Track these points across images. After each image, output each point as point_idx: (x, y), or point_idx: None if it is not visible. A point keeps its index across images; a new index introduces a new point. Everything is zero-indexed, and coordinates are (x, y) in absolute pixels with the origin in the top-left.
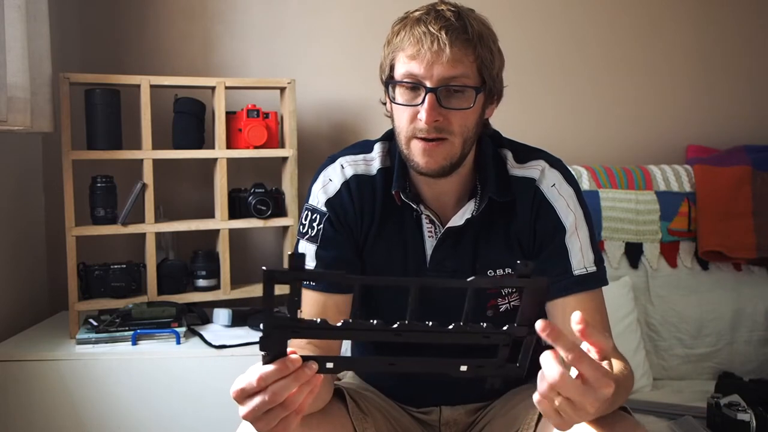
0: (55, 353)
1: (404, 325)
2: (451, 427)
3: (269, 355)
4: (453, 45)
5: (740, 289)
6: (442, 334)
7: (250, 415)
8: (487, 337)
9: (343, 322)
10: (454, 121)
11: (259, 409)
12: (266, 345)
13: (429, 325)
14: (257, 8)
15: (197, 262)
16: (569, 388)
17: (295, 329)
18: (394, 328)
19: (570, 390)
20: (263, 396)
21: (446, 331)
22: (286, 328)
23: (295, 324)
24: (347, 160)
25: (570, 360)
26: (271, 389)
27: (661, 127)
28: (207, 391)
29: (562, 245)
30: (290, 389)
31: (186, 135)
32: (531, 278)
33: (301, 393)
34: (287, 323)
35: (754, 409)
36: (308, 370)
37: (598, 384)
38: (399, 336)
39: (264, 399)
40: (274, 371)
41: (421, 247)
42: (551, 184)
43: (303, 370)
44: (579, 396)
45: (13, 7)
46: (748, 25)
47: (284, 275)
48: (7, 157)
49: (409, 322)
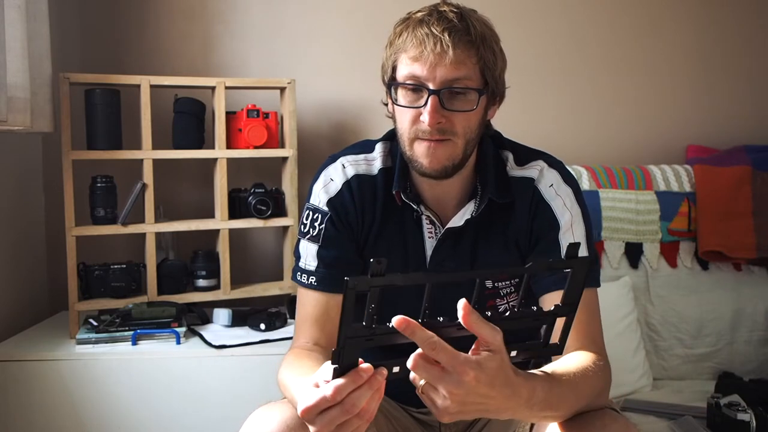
0: (55, 353)
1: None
2: (450, 427)
3: (341, 367)
4: (456, 47)
5: (740, 289)
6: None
7: (324, 430)
8: (537, 319)
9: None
10: (457, 123)
11: (333, 422)
12: (340, 357)
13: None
14: (257, 8)
15: (197, 262)
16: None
17: (368, 337)
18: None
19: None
20: (340, 408)
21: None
22: (360, 337)
23: (371, 332)
24: (348, 159)
25: (427, 351)
26: (349, 401)
27: (661, 127)
28: (207, 391)
29: (555, 241)
30: (365, 398)
31: (186, 135)
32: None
33: (374, 400)
34: (362, 333)
35: (754, 409)
36: (380, 377)
37: (456, 371)
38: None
39: (341, 411)
40: (349, 382)
41: (421, 248)
42: (549, 184)
43: (375, 378)
44: (437, 381)
45: (13, 7)
46: (748, 25)
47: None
48: (7, 157)
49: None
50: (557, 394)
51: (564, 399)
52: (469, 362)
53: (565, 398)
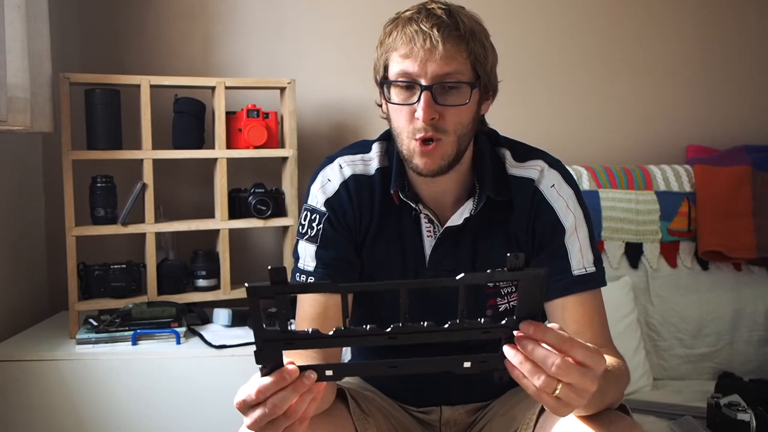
0: (55, 353)
1: (398, 327)
2: (451, 427)
3: (266, 367)
4: (445, 42)
5: (740, 289)
6: (438, 333)
7: (254, 426)
8: (487, 332)
9: (335, 330)
10: (450, 119)
11: (261, 420)
12: (261, 358)
13: (424, 326)
14: (257, 8)
15: (197, 262)
16: (571, 373)
17: (287, 341)
18: (387, 332)
19: (572, 375)
20: (263, 408)
21: (443, 330)
22: (278, 341)
23: (287, 336)
24: (345, 160)
25: (560, 351)
26: (271, 401)
27: (661, 127)
28: (207, 391)
29: (562, 246)
30: (290, 400)
31: (186, 135)
32: (525, 270)
33: (303, 402)
34: (278, 336)
35: (754, 409)
36: (306, 380)
37: (593, 362)
38: (394, 339)
39: (264, 411)
40: (272, 383)
41: (420, 247)
42: (550, 185)
43: (301, 381)
44: (580, 378)
45: (13, 7)
46: (748, 26)
47: (268, 290)
48: (7, 157)
49: (404, 324)
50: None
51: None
52: (598, 351)
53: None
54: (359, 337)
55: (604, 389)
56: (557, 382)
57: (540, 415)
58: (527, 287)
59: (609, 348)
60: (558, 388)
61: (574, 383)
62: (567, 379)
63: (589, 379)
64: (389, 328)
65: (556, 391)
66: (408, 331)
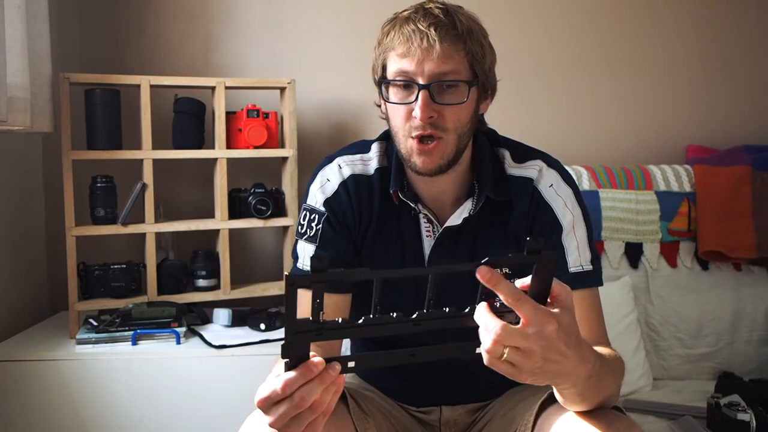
0: (55, 353)
1: (423, 314)
2: (451, 427)
3: (292, 360)
4: (443, 41)
5: (740, 289)
6: (460, 318)
7: (278, 423)
8: (500, 315)
9: (364, 319)
10: (448, 117)
11: (286, 415)
12: (288, 351)
13: (446, 311)
14: (257, 8)
15: (197, 262)
16: (513, 337)
17: (318, 332)
18: (413, 318)
19: (514, 339)
20: (290, 402)
21: (464, 315)
22: (309, 332)
23: (319, 327)
24: (345, 160)
25: (511, 303)
26: (298, 395)
27: (661, 127)
28: (207, 391)
29: (559, 243)
30: (316, 393)
31: (186, 135)
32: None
33: (327, 395)
34: (310, 327)
35: (754, 409)
36: (332, 372)
37: (540, 323)
38: (419, 326)
39: (291, 405)
40: (298, 376)
41: (419, 247)
42: (549, 184)
43: (327, 372)
44: (524, 341)
45: (13, 7)
46: (748, 26)
47: (307, 279)
48: (7, 157)
49: (428, 311)
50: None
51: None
52: (549, 313)
53: (606, 378)
54: (387, 324)
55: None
56: (502, 347)
57: (539, 416)
58: (541, 271)
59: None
60: (505, 352)
61: (520, 346)
62: (510, 343)
63: (535, 342)
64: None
65: (503, 356)
66: (432, 317)
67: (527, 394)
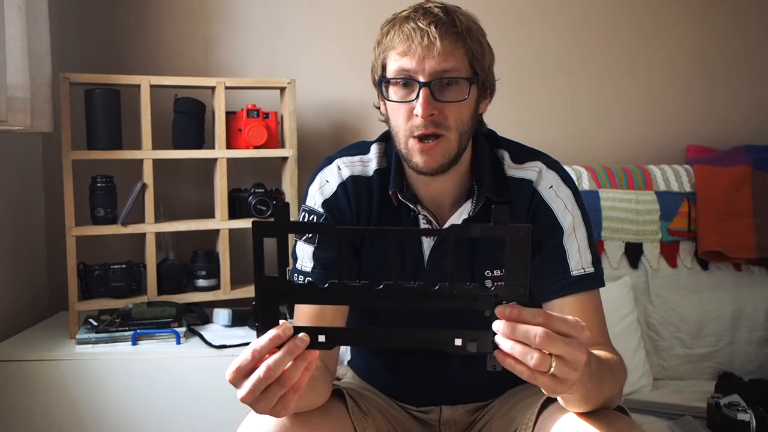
0: (55, 353)
1: (389, 285)
2: (450, 427)
3: (263, 327)
4: (443, 38)
5: (740, 289)
6: (428, 295)
7: (248, 396)
8: (476, 299)
9: (329, 284)
10: (450, 115)
11: (256, 387)
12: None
13: (414, 285)
14: (257, 8)
15: (197, 262)
16: (556, 342)
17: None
18: (379, 289)
19: (557, 344)
20: (258, 373)
21: (432, 292)
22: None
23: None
24: (344, 161)
25: (541, 323)
26: (266, 364)
27: (661, 127)
28: (207, 391)
29: (560, 246)
30: (284, 363)
31: (186, 135)
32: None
33: (297, 368)
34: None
35: (754, 409)
36: (300, 342)
37: (575, 331)
38: (385, 298)
39: (259, 376)
40: (267, 342)
41: (418, 248)
42: (549, 186)
43: (294, 342)
44: (567, 347)
45: (13, 7)
46: (748, 26)
47: (273, 227)
48: (7, 157)
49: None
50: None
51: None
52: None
53: (605, 379)
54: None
55: (600, 376)
56: (551, 358)
57: (539, 416)
58: (513, 246)
59: (608, 348)
60: (552, 365)
61: (563, 354)
62: (555, 349)
63: (576, 348)
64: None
65: (551, 369)
66: (398, 288)
67: (527, 394)
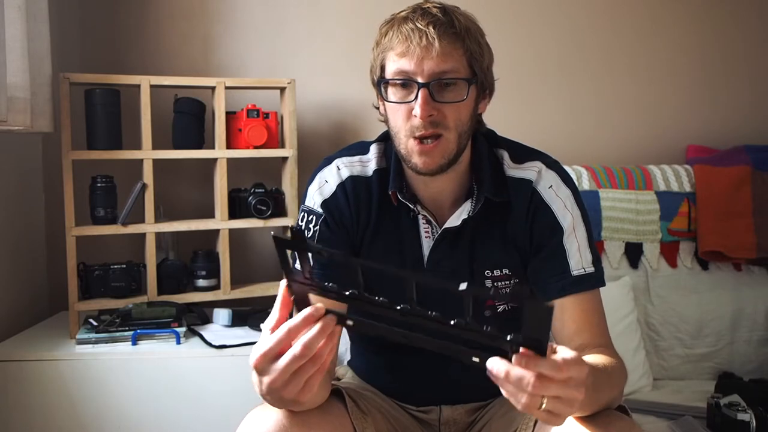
0: (55, 353)
1: (407, 308)
2: (450, 427)
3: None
4: (442, 39)
5: (740, 289)
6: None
7: (278, 379)
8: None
9: (350, 292)
10: (449, 115)
11: (287, 369)
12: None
13: (432, 315)
14: (257, 8)
15: (197, 262)
16: (549, 387)
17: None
18: (399, 308)
19: (550, 389)
20: (294, 351)
21: (446, 324)
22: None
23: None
24: (343, 161)
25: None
26: (301, 342)
27: (661, 127)
28: (207, 391)
29: (560, 246)
30: (319, 341)
31: (186, 135)
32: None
33: (326, 347)
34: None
35: (754, 409)
36: (330, 321)
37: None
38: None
39: (295, 353)
40: (301, 321)
41: (418, 248)
42: (548, 186)
43: (326, 320)
44: (561, 389)
45: (13, 7)
46: (748, 26)
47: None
48: (7, 157)
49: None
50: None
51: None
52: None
53: (603, 389)
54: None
55: (597, 386)
56: (541, 397)
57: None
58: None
59: (607, 348)
60: (543, 402)
61: (558, 395)
62: (548, 393)
63: (571, 387)
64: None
65: (542, 406)
66: (417, 313)
67: None
